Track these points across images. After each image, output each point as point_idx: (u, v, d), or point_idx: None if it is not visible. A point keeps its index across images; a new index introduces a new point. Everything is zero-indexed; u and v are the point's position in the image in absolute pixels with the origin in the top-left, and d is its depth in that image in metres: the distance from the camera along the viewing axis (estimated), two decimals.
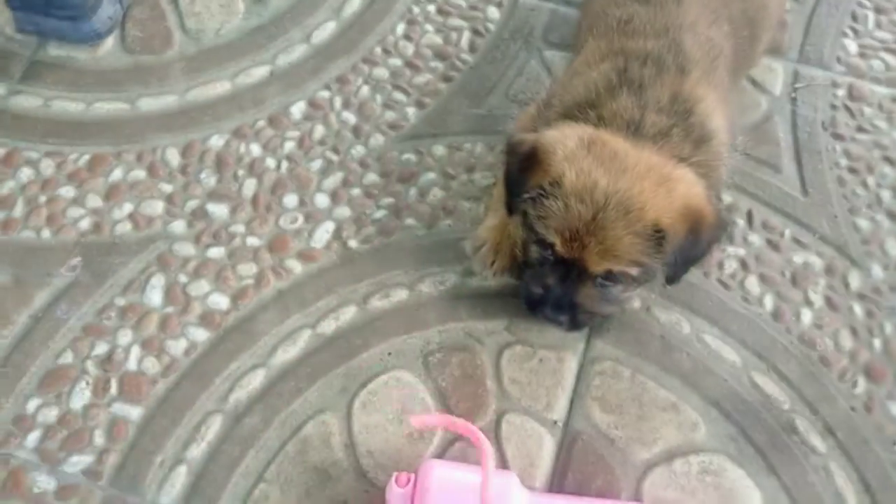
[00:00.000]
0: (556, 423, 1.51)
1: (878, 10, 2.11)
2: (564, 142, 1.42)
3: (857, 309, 1.66)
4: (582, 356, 1.59)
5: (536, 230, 1.43)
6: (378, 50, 1.99)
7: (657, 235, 1.37)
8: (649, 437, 1.51)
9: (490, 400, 1.54)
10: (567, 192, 1.37)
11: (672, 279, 1.48)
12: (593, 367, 1.57)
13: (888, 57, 2.03)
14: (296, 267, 1.67)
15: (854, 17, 2.10)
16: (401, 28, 2.03)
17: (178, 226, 1.71)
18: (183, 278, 1.65)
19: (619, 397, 1.54)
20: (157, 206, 1.73)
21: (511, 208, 1.52)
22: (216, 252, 1.68)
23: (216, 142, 1.82)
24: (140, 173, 1.77)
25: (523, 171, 1.45)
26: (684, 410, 1.53)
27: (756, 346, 1.61)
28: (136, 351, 1.57)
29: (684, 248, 1.41)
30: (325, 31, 2.01)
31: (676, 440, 1.51)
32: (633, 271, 1.40)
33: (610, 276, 1.42)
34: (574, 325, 1.52)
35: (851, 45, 2.05)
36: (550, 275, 1.46)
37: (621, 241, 1.36)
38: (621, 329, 1.61)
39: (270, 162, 1.80)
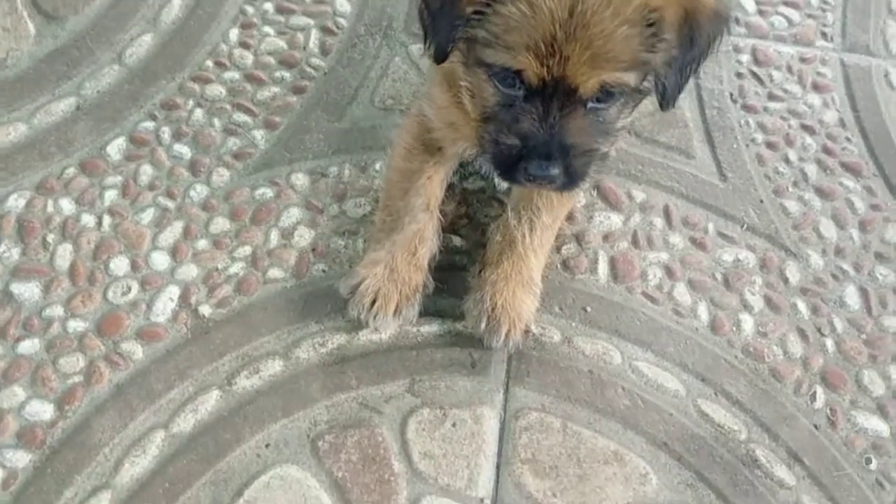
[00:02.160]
0: (482, 501, 1.30)
1: None
2: None
3: (802, 306, 1.52)
4: (502, 410, 1.38)
5: (491, 60, 1.17)
6: (209, 63, 1.73)
7: (650, 25, 1.14)
8: (595, 500, 1.32)
9: (400, 485, 1.31)
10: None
11: (668, 96, 1.24)
12: (517, 422, 1.37)
13: (789, 11, 1.91)
14: (136, 351, 1.40)
15: None
16: (234, 34, 1.77)
17: None
18: None
19: (553, 455, 1.34)
20: None
21: (441, 51, 1.24)
22: (29, 346, 1.41)
23: (15, 203, 1.53)
24: None
25: None
26: (630, 460, 1.35)
27: (698, 367, 1.44)
28: None
29: (683, 41, 1.18)
30: (141, 46, 1.74)
31: (626, 497, 1.32)
32: (631, 78, 1.17)
33: (603, 94, 1.18)
34: (571, 178, 1.24)
35: (748, 2, 1.93)
36: (525, 116, 1.19)
37: (613, 37, 1.12)
38: (543, 370, 1.42)
39: (88, 219, 1.52)
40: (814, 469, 1.37)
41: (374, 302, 1.40)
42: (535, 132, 1.19)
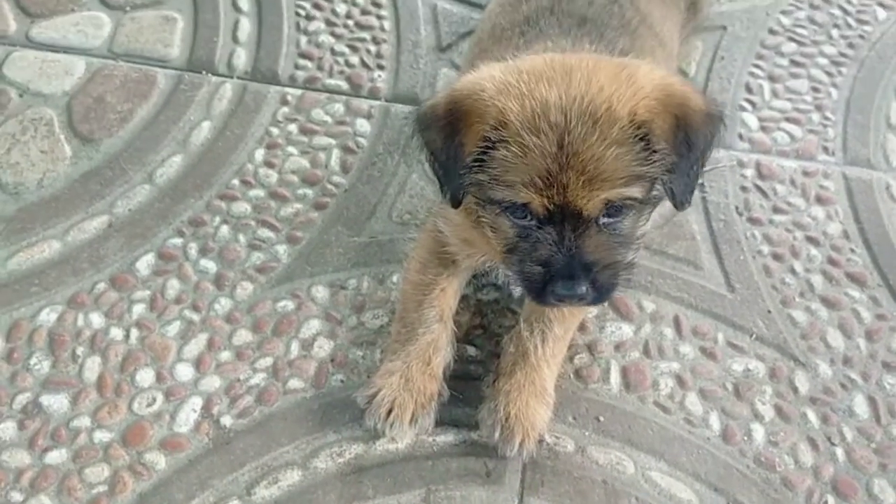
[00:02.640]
0: None
1: (773, 79, 2.09)
2: (488, 76, 1.24)
3: (811, 415, 1.54)
4: None
5: (499, 198, 1.22)
6: (236, 182, 1.81)
7: (641, 135, 1.18)
8: None
9: None
10: (517, 129, 1.17)
11: (679, 198, 1.27)
12: None
13: (791, 127, 1.99)
14: (159, 461, 1.44)
15: (749, 89, 2.06)
16: (260, 154, 1.87)
17: (7, 429, 1.46)
18: (17, 496, 1.39)
19: None
20: None
21: (455, 198, 1.30)
22: (56, 456, 1.44)
23: (47, 317, 1.59)
24: None
25: (452, 134, 1.24)
26: None
27: (710, 477, 1.46)
28: None
29: (680, 146, 1.22)
30: (171, 167, 1.83)
31: None
32: (636, 192, 1.21)
33: (612, 210, 1.22)
34: (600, 293, 1.27)
35: (751, 119, 2.00)
36: (542, 243, 1.23)
37: (604, 159, 1.16)
38: (557, 480, 1.44)
39: (116, 333, 1.58)
40: None
41: (390, 411, 1.44)
42: (555, 256, 1.22)
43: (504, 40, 1.62)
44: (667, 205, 1.78)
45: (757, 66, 2.11)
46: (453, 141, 1.24)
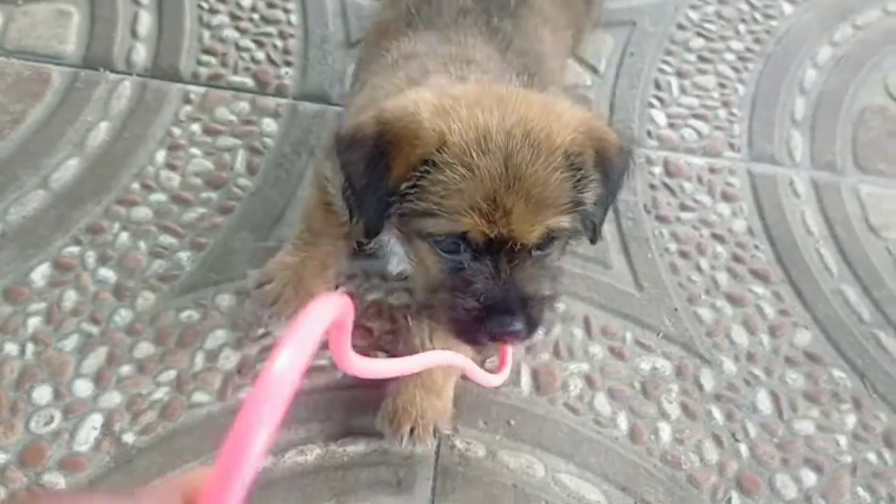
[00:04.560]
0: None
1: (681, 74, 2.14)
2: (420, 99, 1.22)
3: (716, 412, 1.61)
4: None
5: (433, 230, 1.20)
6: (136, 186, 1.78)
7: (574, 165, 1.20)
8: None
9: None
10: (463, 152, 1.16)
11: (595, 231, 1.31)
12: None
13: (698, 124, 2.05)
14: (58, 481, 1.41)
15: (658, 86, 2.12)
16: (161, 156, 1.83)
17: None
18: None
19: None
20: None
21: (374, 227, 1.27)
22: None
23: None
24: None
25: (378, 158, 1.20)
26: None
27: (618, 477, 1.51)
28: None
29: (602, 178, 1.25)
30: (67, 171, 1.79)
31: None
32: (568, 223, 1.22)
33: (546, 241, 1.24)
34: (532, 325, 1.26)
35: (660, 116, 2.05)
36: (477, 277, 1.22)
37: (549, 184, 1.17)
38: (468, 486, 1.47)
39: (11, 348, 1.54)
40: None
41: (275, 302, 1.51)
42: (491, 290, 1.21)
43: (390, 33, 1.64)
44: None
45: (666, 62, 2.16)
46: (378, 165, 1.21)
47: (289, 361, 0.53)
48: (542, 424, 1.56)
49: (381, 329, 1.63)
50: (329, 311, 0.60)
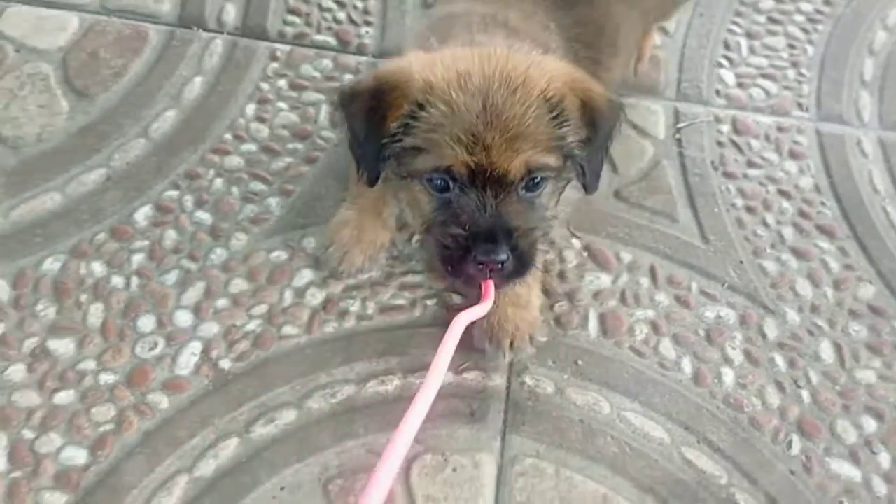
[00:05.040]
0: None
1: (750, 35, 2.16)
2: (413, 57, 1.33)
3: (779, 360, 1.65)
4: (499, 457, 1.50)
5: (421, 166, 1.30)
6: (228, 136, 1.88)
7: (554, 109, 1.29)
8: None
9: None
10: (444, 91, 1.26)
11: (588, 179, 1.38)
12: (513, 467, 1.49)
13: (767, 83, 2.07)
14: (161, 401, 1.52)
15: (727, 46, 2.14)
16: (251, 109, 1.93)
17: (17, 371, 1.54)
18: (28, 434, 1.47)
19: (546, 499, 1.46)
20: None
21: (373, 172, 1.37)
22: (65, 397, 1.52)
23: (51, 266, 1.66)
24: None
25: (375, 108, 1.31)
26: (617, 503, 1.46)
27: (682, 416, 1.56)
28: None
29: (587, 127, 1.33)
30: (166, 121, 1.89)
31: None
32: (552, 160, 1.30)
33: (532, 180, 1.31)
34: (520, 262, 1.33)
35: (728, 76, 2.08)
36: (463, 209, 1.30)
37: (525, 120, 1.26)
38: (537, 419, 1.54)
39: (118, 281, 1.65)
40: None
41: (341, 261, 1.65)
42: (476, 219, 1.28)
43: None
44: (645, 158, 1.89)
45: (735, 23, 2.18)
46: (375, 115, 1.30)
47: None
48: (609, 365, 1.62)
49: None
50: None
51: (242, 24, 2.10)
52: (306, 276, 1.69)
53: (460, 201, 1.29)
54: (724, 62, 2.11)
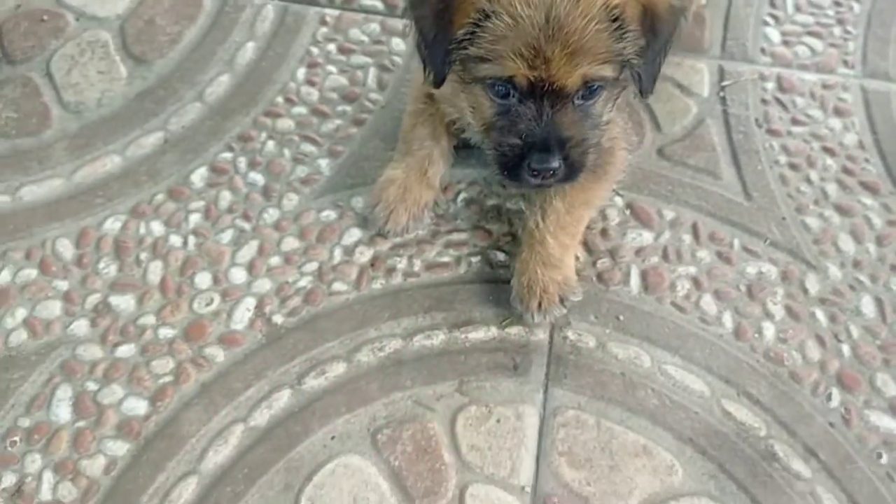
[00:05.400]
0: (524, 488, 1.45)
1: None
2: None
3: (820, 315, 1.65)
4: (542, 408, 1.53)
5: (483, 74, 1.36)
6: (280, 100, 1.92)
7: (615, 20, 1.32)
8: (624, 489, 1.46)
9: (450, 474, 1.47)
10: (507, 3, 1.30)
11: (644, 85, 1.43)
12: (555, 419, 1.52)
13: (812, 41, 2.04)
14: (218, 354, 1.58)
15: (773, 4, 2.12)
16: (301, 73, 1.96)
17: (80, 326, 1.61)
18: (92, 386, 1.54)
19: (587, 449, 1.49)
20: (55, 307, 1.63)
21: (440, 76, 1.43)
22: (126, 350, 1.58)
23: (112, 225, 1.72)
24: (31, 272, 1.67)
25: (443, 11, 1.36)
26: (657, 453, 1.49)
27: (722, 370, 1.58)
28: (48, 477, 1.45)
29: (647, 33, 1.37)
30: (219, 86, 1.94)
31: (653, 487, 1.46)
32: (608, 70, 1.35)
33: (588, 89, 1.37)
34: (571, 169, 1.42)
35: (774, 34, 2.06)
36: (521, 118, 1.37)
37: (586, 34, 1.30)
38: (579, 373, 1.57)
39: (175, 240, 1.71)
40: (828, 463, 1.48)
41: (387, 220, 1.69)
42: (533, 129, 1.36)
43: None
44: (689, 116, 1.89)
45: None
46: (443, 18, 1.35)
47: None
48: (650, 320, 1.63)
49: (499, 231, 1.73)
50: None
51: None
52: (355, 234, 1.73)
53: (518, 110, 1.36)
54: (770, 20, 2.08)
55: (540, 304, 1.56)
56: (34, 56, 1.96)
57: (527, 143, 1.37)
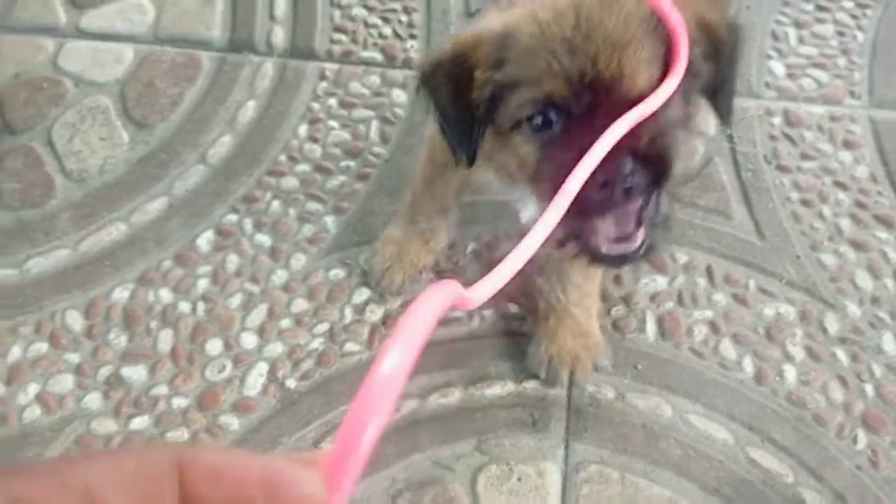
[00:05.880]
0: None
1: (798, 25, 2.12)
2: (492, 20, 1.17)
3: (841, 355, 1.63)
4: (563, 464, 1.51)
5: (517, 102, 1.11)
6: (283, 158, 1.91)
7: (657, 27, 1.08)
8: None
9: None
10: (529, 22, 1.10)
11: (721, 108, 1.21)
12: (578, 474, 1.50)
13: (817, 73, 2.03)
14: (232, 423, 1.56)
15: (775, 37, 2.10)
16: (303, 129, 1.96)
17: (94, 399, 1.59)
18: None
19: None
20: (67, 381, 1.61)
21: (469, 149, 1.20)
22: (140, 422, 1.57)
23: (120, 294, 1.71)
24: (41, 346, 1.65)
25: (459, 80, 1.15)
26: None
27: (745, 416, 1.55)
28: None
29: (707, 54, 1.13)
30: (222, 147, 1.93)
31: None
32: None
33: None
34: (654, 166, 1.07)
35: (778, 67, 2.05)
36: (576, 138, 1.04)
37: (629, 28, 1.06)
38: (600, 426, 1.54)
39: (184, 306, 1.70)
40: None
41: (381, 281, 1.68)
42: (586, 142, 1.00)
43: None
44: (697, 156, 1.87)
45: (783, 13, 2.14)
46: (460, 80, 1.15)
47: (396, 361, 0.52)
48: (669, 368, 1.61)
49: (513, 282, 1.71)
50: (436, 302, 0.59)
51: (291, 46, 2.12)
52: (364, 293, 1.71)
53: (568, 130, 1.10)
54: (773, 53, 2.07)
55: (572, 373, 1.56)
56: (35, 125, 1.96)
57: (613, 175, 1.03)
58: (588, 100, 1.06)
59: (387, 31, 2.16)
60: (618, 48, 1.05)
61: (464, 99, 1.16)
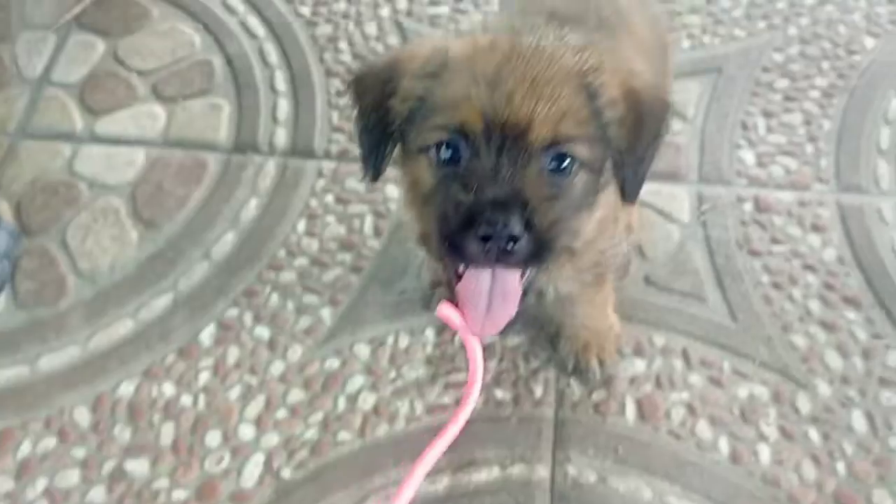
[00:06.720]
0: None
1: (767, 114, 2.17)
2: (432, 36, 1.23)
3: (813, 434, 1.64)
4: None
5: (431, 125, 1.10)
6: (282, 253, 1.97)
7: (590, 88, 1.09)
8: None
9: None
10: (464, 52, 1.10)
11: (628, 185, 1.18)
12: None
13: (786, 160, 2.08)
14: None
15: (744, 126, 2.16)
16: (302, 225, 2.02)
17: (97, 494, 1.62)
18: None
19: None
20: (73, 476, 1.64)
21: (377, 167, 1.24)
22: None
23: (126, 389, 1.75)
24: (50, 441, 1.69)
25: (385, 84, 1.15)
26: None
27: (721, 497, 1.56)
28: None
29: (629, 123, 1.12)
30: (225, 244, 1.99)
31: None
32: (582, 148, 1.09)
33: (559, 156, 1.08)
34: (538, 244, 1.06)
35: (748, 156, 2.09)
36: (474, 173, 1.05)
37: (553, 80, 1.06)
38: None
39: (186, 399, 1.73)
40: None
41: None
42: (488, 183, 1.03)
43: None
44: (672, 242, 1.90)
45: (752, 104, 2.19)
46: (385, 92, 1.15)
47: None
48: (647, 451, 1.63)
49: (496, 368, 1.74)
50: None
51: (292, 146, 2.19)
52: (358, 381, 1.74)
53: (470, 165, 1.06)
54: (743, 142, 2.12)
55: (601, 361, 1.69)
56: (50, 227, 2.03)
57: (478, 201, 1.03)
58: (497, 144, 1.04)
59: None
60: (536, 93, 1.04)
61: (385, 106, 1.15)
